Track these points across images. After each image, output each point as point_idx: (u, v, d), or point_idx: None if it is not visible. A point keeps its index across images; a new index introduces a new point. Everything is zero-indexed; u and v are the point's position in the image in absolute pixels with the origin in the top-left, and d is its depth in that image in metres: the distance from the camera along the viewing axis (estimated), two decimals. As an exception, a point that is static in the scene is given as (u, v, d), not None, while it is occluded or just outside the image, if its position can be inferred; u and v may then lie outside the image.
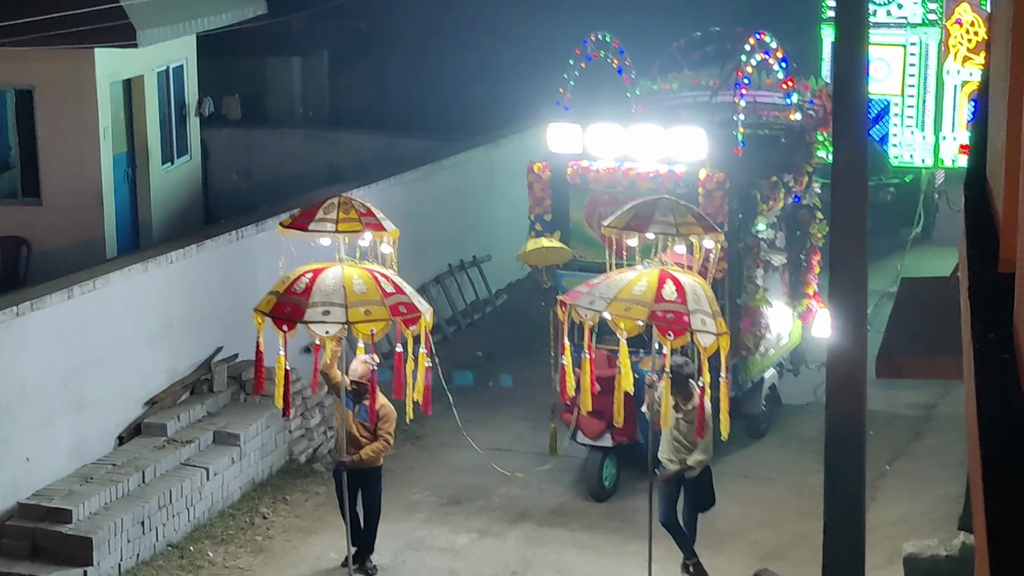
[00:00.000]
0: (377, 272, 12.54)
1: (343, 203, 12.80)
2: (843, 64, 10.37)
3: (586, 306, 12.29)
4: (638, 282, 12.11)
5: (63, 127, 18.76)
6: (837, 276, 10.40)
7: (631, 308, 11.99)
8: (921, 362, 8.71)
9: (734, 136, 15.24)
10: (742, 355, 15.55)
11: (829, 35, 22.41)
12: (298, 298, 12.15)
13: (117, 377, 14.72)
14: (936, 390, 17.33)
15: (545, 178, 15.67)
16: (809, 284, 17.04)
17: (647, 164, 15.09)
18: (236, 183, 24.41)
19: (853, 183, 10.34)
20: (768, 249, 15.97)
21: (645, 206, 12.68)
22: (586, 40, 16.07)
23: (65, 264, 16.52)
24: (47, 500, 13.34)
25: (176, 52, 20.89)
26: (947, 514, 13.47)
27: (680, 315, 11.86)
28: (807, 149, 16.80)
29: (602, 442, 14.80)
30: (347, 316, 12.07)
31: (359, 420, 13.24)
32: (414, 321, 12.41)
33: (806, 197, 16.85)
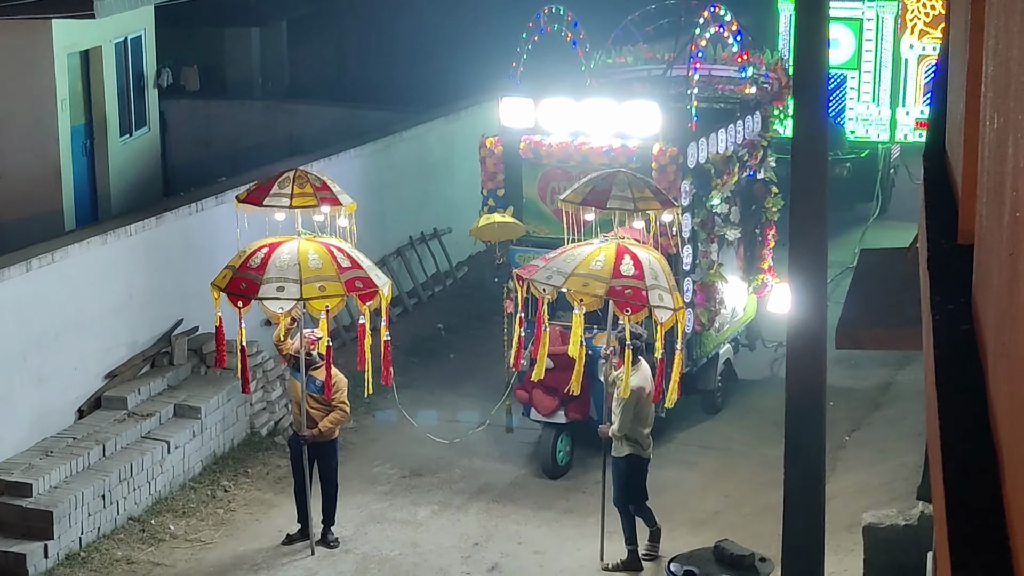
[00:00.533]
0: (334, 247, 12.49)
1: (298, 177, 12.80)
2: (804, 35, 10.38)
3: (543, 281, 12.20)
4: (595, 257, 12.05)
5: (20, 99, 18.58)
6: (797, 249, 10.43)
7: (589, 283, 11.93)
8: (881, 333, 8.75)
9: (688, 110, 15.11)
10: (696, 330, 15.49)
11: (786, 8, 22.32)
12: (253, 273, 12.15)
13: (77, 350, 14.64)
14: (895, 360, 17.44)
15: (497, 153, 15.51)
16: (764, 259, 17.02)
17: (600, 139, 14.97)
18: (200, 151, 24.26)
19: (813, 156, 10.37)
20: (722, 224, 15.91)
21: (602, 180, 12.62)
22: (540, 13, 15.90)
23: (23, 237, 16.38)
24: (7, 474, 13.28)
25: (134, 23, 20.71)
26: (906, 484, 13.57)
27: (638, 290, 11.82)
28: (762, 123, 16.74)
29: (556, 419, 14.71)
30: (301, 292, 12.05)
31: (309, 392, 13.18)
32: (370, 296, 12.37)
33: (761, 171, 16.79)
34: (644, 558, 13.26)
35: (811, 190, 10.38)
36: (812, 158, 10.37)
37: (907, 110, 22.16)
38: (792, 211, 10.59)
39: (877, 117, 22.33)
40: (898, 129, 22.32)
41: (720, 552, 11.59)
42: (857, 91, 22.26)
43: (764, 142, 16.73)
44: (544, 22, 15.93)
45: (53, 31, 18.41)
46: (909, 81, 22.15)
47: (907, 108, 22.17)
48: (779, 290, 16.66)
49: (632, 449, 12.99)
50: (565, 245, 12.73)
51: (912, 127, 22.10)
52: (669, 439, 15.71)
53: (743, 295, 16.81)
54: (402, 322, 19.63)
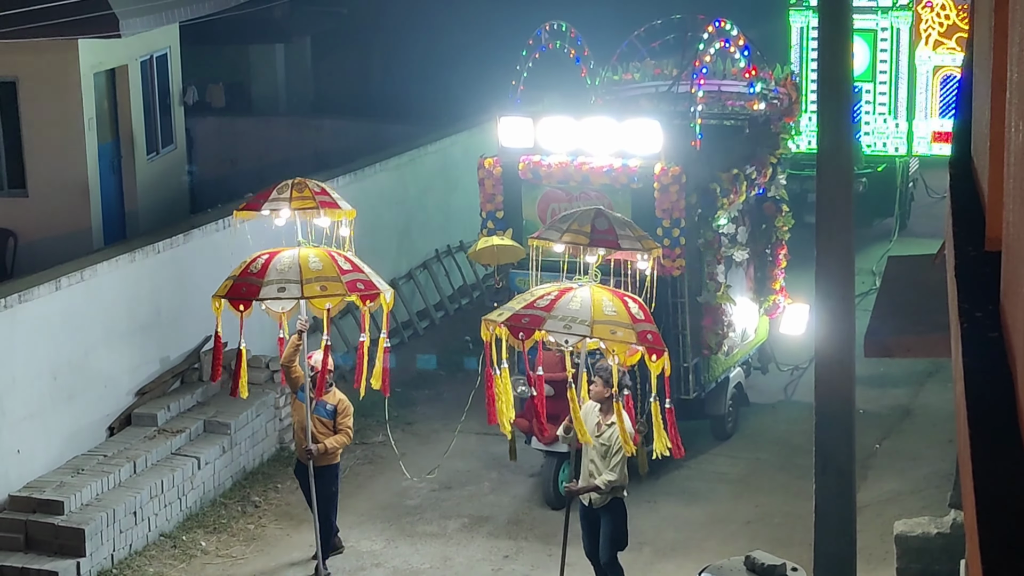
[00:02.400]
0: (334, 252, 12.56)
1: (297, 183, 12.86)
2: (827, 46, 10.35)
3: (562, 331, 11.18)
4: (602, 300, 11.21)
5: (48, 118, 18.70)
6: (823, 255, 10.40)
7: (617, 331, 11.08)
8: (909, 341, 8.71)
9: (691, 128, 14.73)
10: (704, 355, 15.06)
11: (798, 21, 22.08)
12: (254, 278, 12.25)
13: (106, 368, 14.70)
14: (925, 368, 17.37)
15: (496, 174, 15.08)
16: (775, 279, 16.54)
17: (601, 158, 14.55)
18: (226, 168, 24.34)
19: (838, 163, 10.34)
20: (729, 244, 15.47)
21: (599, 220, 11.77)
22: (540, 30, 15.52)
23: (52, 255, 16.47)
24: (39, 492, 13.34)
25: (159, 41, 20.83)
26: (938, 492, 13.51)
27: (657, 335, 11.21)
28: (771, 140, 16.32)
29: (557, 448, 14.01)
30: (302, 292, 12.12)
31: (316, 415, 13.03)
32: (372, 297, 12.34)
33: (771, 189, 16.39)
34: None
35: (837, 197, 10.35)
36: (837, 166, 10.35)
37: (923, 122, 21.85)
38: (818, 218, 10.56)
39: (893, 130, 22.00)
40: (915, 142, 21.96)
41: (751, 562, 11.55)
42: (872, 104, 21.90)
43: (774, 159, 16.31)
44: (545, 39, 15.57)
45: (79, 51, 18.54)
46: (925, 93, 21.85)
47: (924, 120, 21.86)
48: (792, 311, 16.43)
49: (612, 493, 12.24)
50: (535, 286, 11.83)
51: (929, 140, 21.78)
52: (700, 451, 15.62)
53: (754, 317, 16.33)
54: (429, 335, 19.66)
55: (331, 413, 13.06)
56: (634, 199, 14.41)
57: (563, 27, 15.69)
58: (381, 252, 19.45)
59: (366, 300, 12.36)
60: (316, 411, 12.98)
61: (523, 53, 15.40)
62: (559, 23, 15.67)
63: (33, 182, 18.85)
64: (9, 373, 13.54)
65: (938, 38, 21.50)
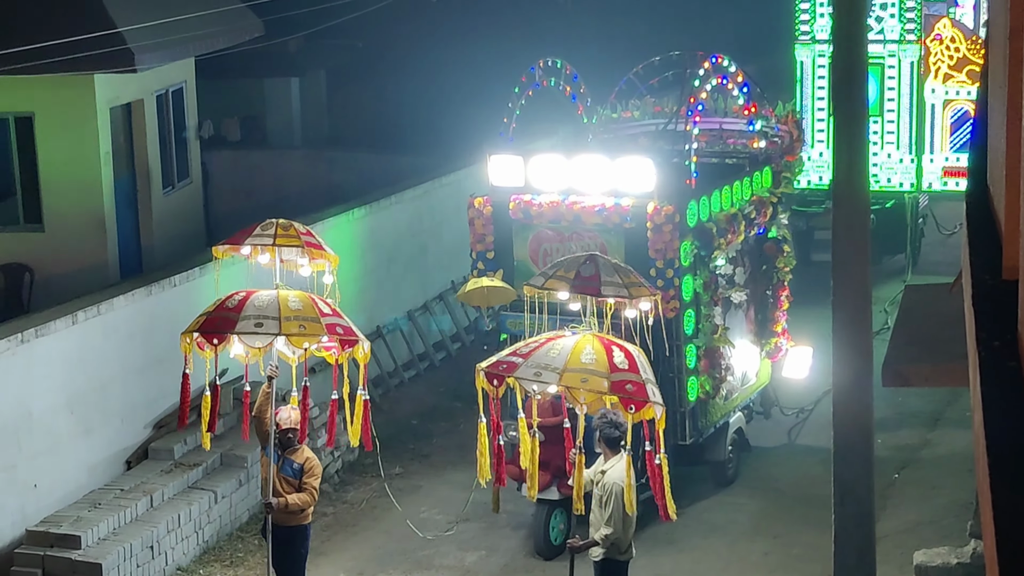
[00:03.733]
0: (315, 296, 12.02)
1: (282, 223, 12.42)
2: (843, 77, 10.34)
3: (531, 379, 10.73)
4: (583, 349, 10.71)
5: (64, 153, 18.79)
6: (840, 286, 10.38)
7: (588, 379, 10.56)
8: (927, 370, 8.68)
9: (687, 166, 14.36)
10: (701, 399, 14.65)
11: (804, 55, 21.82)
12: (229, 312, 11.75)
13: (123, 401, 14.72)
14: (944, 396, 17.30)
15: (486, 213, 14.78)
16: (777, 321, 16.11)
17: (593, 197, 14.21)
18: (241, 201, 24.38)
19: (854, 195, 10.33)
20: (727, 286, 15.09)
21: (584, 265, 11.38)
22: (533, 66, 15.19)
23: (69, 290, 16.53)
24: (56, 526, 13.34)
25: (175, 75, 20.93)
26: (957, 522, 13.45)
27: (639, 385, 10.56)
28: (773, 178, 15.98)
29: (548, 495, 13.59)
30: (280, 328, 11.58)
31: (283, 475, 12.26)
32: (351, 344, 11.82)
33: (772, 229, 16.01)
34: None
35: (854, 226, 10.33)
36: (853, 195, 10.33)
37: (932, 157, 21.43)
38: (834, 247, 10.54)
39: (902, 165, 21.56)
40: (924, 177, 21.48)
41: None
42: (880, 138, 21.42)
43: (774, 199, 15.87)
44: (539, 75, 15.22)
45: (95, 85, 18.64)
46: (935, 127, 21.41)
47: (933, 155, 21.43)
48: (795, 354, 16.14)
49: (608, 552, 11.64)
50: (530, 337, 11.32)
51: (940, 175, 21.34)
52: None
53: (755, 360, 15.94)
54: (446, 367, 19.65)
55: (297, 472, 12.25)
56: (627, 239, 14.09)
57: (558, 64, 15.38)
58: (397, 283, 19.49)
59: (345, 346, 11.79)
60: (283, 470, 12.24)
61: (515, 90, 15.10)
62: (554, 60, 15.36)
63: (49, 217, 18.92)
64: (26, 407, 13.56)
65: (948, 71, 21.16)
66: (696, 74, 15.10)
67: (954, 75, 21.15)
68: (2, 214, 19.45)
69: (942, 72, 21.21)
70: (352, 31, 28.33)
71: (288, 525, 12.29)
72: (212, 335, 11.73)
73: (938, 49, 21.20)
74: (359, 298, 18.48)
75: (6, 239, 19.03)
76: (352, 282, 18.39)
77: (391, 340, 19.13)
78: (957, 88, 21.15)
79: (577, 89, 15.72)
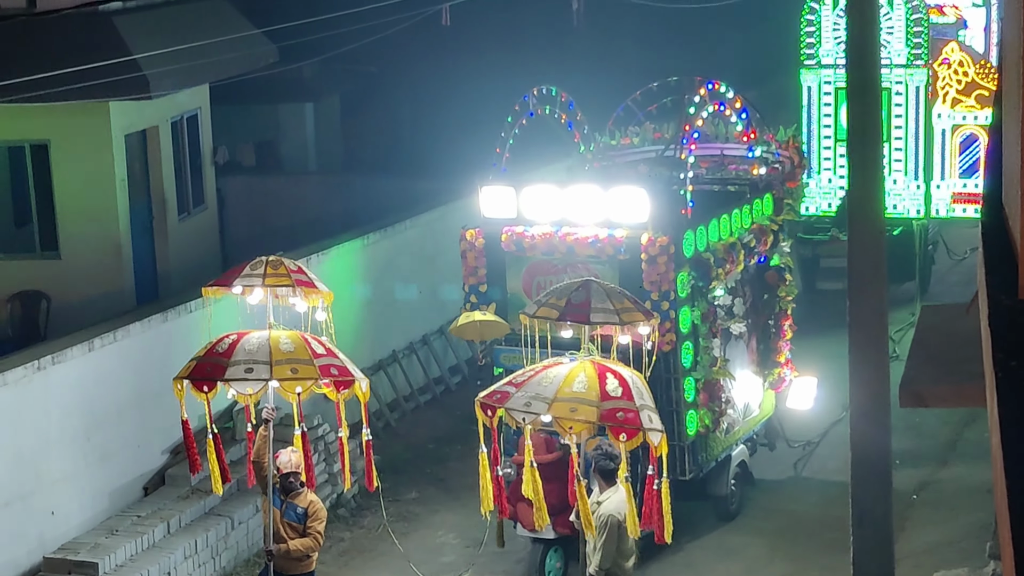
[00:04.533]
0: (309, 336, 11.64)
1: (272, 261, 12.01)
2: (857, 101, 10.34)
3: (522, 409, 10.40)
4: (575, 377, 10.39)
5: (80, 180, 18.86)
6: (856, 306, 10.37)
7: (577, 408, 10.25)
8: (944, 391, 8.65)
9: (682, 195, 14.04)
10: (700, 433, 14.31)
11: (809, 80, 21.48)
12: (219, 358, 11.37)
13: (140, 428, 14.73)
14: (962, 417, 17.24)
15: (478, 246, 14.45)
16: (780, 352, 15.75)
17: (586, 228, 13.90)
18: (257, 227, 24.39)
19: (869, 213, 10.32)
20: (726, 317, 14.71)
21: (576, 292, 11.05)
22: (527, 95, 14.88)
23: (85, 316, 16.56)
24: (73, 553, 13.35)
25: (190, 102, 21.00)
26: (977, 543, 13.39)
27: (633, 413, 10.23)
28: (774, 206, 15.63)
29: (544, 533, 13.04)
30: (272, 373, 11.19)
31: (287, 520, 11.92)
32: (346, 385, 11.42)
33: (774, 257, 15.66)
34: None
35: (869, 247, 10.32)
36: (868, 213, 10.32)
37: (939, 184, 20.94)
38: (850, 269, 10.52)
39: (910, 192, 21.13)
40: (933, 204, 21.06)
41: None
42: (888, 164, 20.88)
43: (774, 226, 15.51)
44: (533, 104, 14.87)
45: (111, 112, 18.72)
46: (943, 153, 20.94)
47: (943, 181, 20.96)
48: (799, 385, 15.79)
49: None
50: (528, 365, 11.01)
51: (948, 202, 20.95)
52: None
53: (758, 391, 15.54)
54: (461, 390, 19.63)
55: (301, 517, 11.91)
56: (622, 271, 13.77)
57: (553, 91, 15.09)
58: (412, 308, 19.50)
59: (340, 387, 11.42)
60: (286, 515, 11.92)
61: (508, 119, 14.81)
62: (548, 87, 15.06)
63: (65, 244, 18.99)
64: (43, 434, 13.58)
65: (956, 95, 20.76)
66: (692, 101, 14.84)
67: (963, 99, 20.76)
68: (19, 241, 19.52)
69: (950, 97, 20.81)
70: (366, 56, 28.42)
71: (291, 574, 11.97)
72: (202, 382, 11.41)
73: (946, 73, 20.80)
74: (373, 323, 18.50)
75: (23, 266, 19.09)
76: (363, 308, 18.42)
77: (406, 364, 19.13)
78: (964, 113, 20.75)
79: (573, 117, 15.45)
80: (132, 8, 19.15)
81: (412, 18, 23.33)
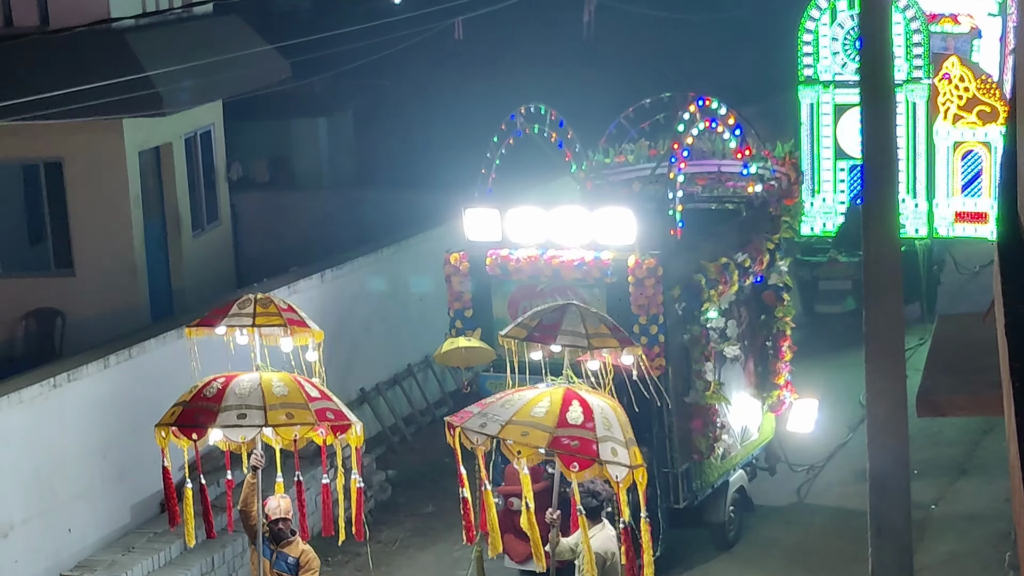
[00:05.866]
0: (301, 378, 11.08)
1: (261, 299, 11.58)
2: (871, 120, 10.32)
3: (476, 429, 10.04)
4: (539, 402, 9.95)
5: (94, 197, 18.90)
6: (872, 316, 10.36)
7: (529, 432, 9.79)
8: (962, 400, 8.63)
9: (671, 216, 13.62)
10: (694, 459, 13.83)
11: (808, 96, 21.18)
12: (208, 403, 10.75)
13: (156, 445, 14.69)
14: (980, 425, 17.18)
15: (463, 269, 13.99)
16: (779, 373, 15.24)
17: (572, 251, 13.44)
18: (271, 243, 24.42)
19: (884, 222, 10.31)
20: (719, 340, 14.11)
21: (551, 313, 10.80)
22: (514, 114, 14.50)
23: (100, 334, 16.58)
24: (90, 571, 13.35)
25: (203, 118, 21.04)
26: (996, 552, 13.35)
27: (587, 443, 9.66)
28: (769, 224, 15.16)
29: (530, 566, 12.61)
30: (266, 419, 10.61)
31: (277, 570, 11.37)
32: (343, 429, 10.88)
33: (772, 276, 15.12)
34: None
35: (885, 254, 10.31)
36: (883, 221, 10.31)
37: (938, 202, 20.67)
38: (866, 278, 10.51)
39: (913, 210, 20.74)
40: (936, 222, 20.74)
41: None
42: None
43: (771, 245, 15.01)
44: (521, 123, 14.45)
45: (124, 130, 18.76)
46: (944, 170, 20.61)
47: (949, 199, 20.65)
48: (800, 407, 15.34)
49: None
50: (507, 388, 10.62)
51: (951, 220, 20.66)
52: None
53: (756, 414, 14.98)
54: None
55: (292, 567, 11.34)
56: (609, 294, 13.37)
57: (542, 110, 14.71)
58: (428, 322, 19.48)
59: (337, 432, 10.86)
60: (276, 565, 11.38)
61: (494, 140, 14.43)
62: (537, 106, 14.67)
63: (80, 261, 19.03)
64: (60, 452, 13.59)
65: (957, 111, 20.42)
66: (681, 118, 14.46)
67: (964, 116, 20.41)
68: (33, 259, 19.56)
69: (951, 113, 20.46)
70: (378, 71, 28.48)
71: None
72: (191, 429, 10.81)
73: (947, 89, 20.45)
74: (388, 337, 18.51)
75: (37, 284, 19.12)
76: (378, 322, 18.42)
77: (422, 378, 19.12)
78: (962, 129, 20.38)
79: (564, 135, 15.05)
80: (145, 25, 19.20)
81: (424, 32, 23.37)
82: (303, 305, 16.55)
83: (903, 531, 10.37)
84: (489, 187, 14.50)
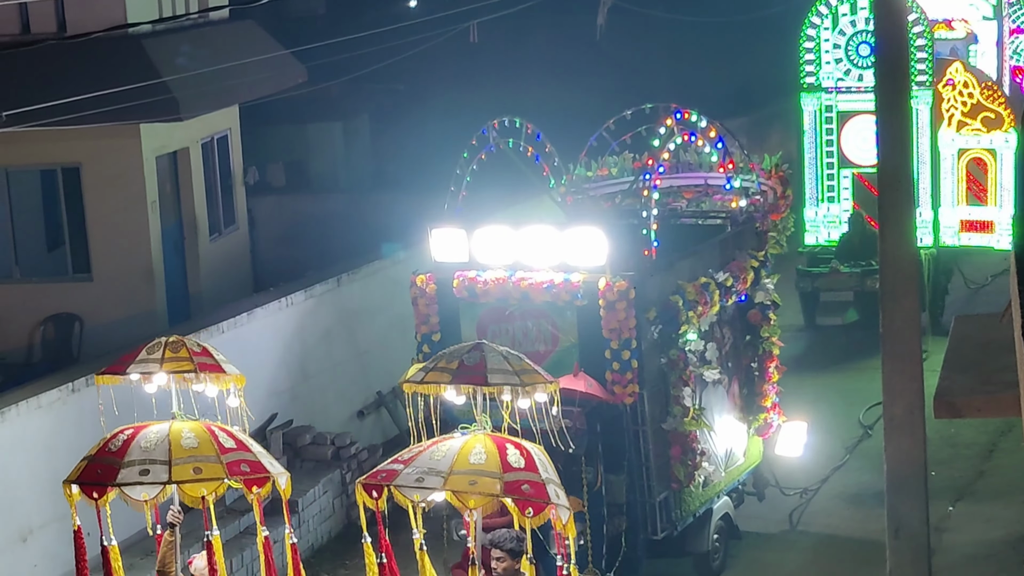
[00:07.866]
0: (216, 427, 10.16)
1: (172, 343, 10.57)
2: (887, 132, 10.30)
3: (413, 485, 9.23)
4: (471, 450, 9.27)
5: (111, 203, 18.95)
6: (889, 315, 10.35)
7: (477, 481, 9.13)
8: (979, 401, 8.60)
9: (645, 235, 13.03)
10: (673, 488, 13.18)
11: (810, 103, 20.88)
12: (111, 457, 9.90)
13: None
14: (998, 427, 17.14)
15: (430, 292, 13.38)
16: (766, 395, 14.49)
17: (541, 273, 12.87)
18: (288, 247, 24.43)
19: (900, 222, 10.30)
20: (698, 363, 13.44)
21: (470, 355, 9.69)
22: (485, 128, 14.08)
23: (118, 339, 16.61)
24: (108, 575, 13.33)
25: (220, 123, 21.08)
26: (1014, 554, 13.32)
27: (538, 486, 9.11)
28: (753, 240, 14.58)
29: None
30: (170, 475, 9.69)
31: None
32: (260, 483, 9.99)
33: (757, 295, 14.41)
34: None
35: (902, 254, 10.30)
36: (899, 221, 10.30)
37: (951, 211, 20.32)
38: (882, 280, 10.50)
39: (918, 219, 19.71)
40: (942, 232, 20.38)
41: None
42: None
43: (755, 262, 14.33)
44: (493, 138, 14.02)
45: (141, 135, 18.81)
46: (949, 178, 20.27)
47: (951, 209, 20.30)
48: (788, 430, 14.71)
49: None
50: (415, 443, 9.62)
51: (957, 230, 20.32)
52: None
53: (742, 438, 14.29)
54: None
55: None
56: (580, 318, 12.79)
57: (516, 123, 14.25)
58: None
59: (250, 486, 9.95)
60: None
61: (464, 155, 13.98)
62: (512, 119, 14.21)
63: (98, 266, 19.07)
64: (78, 457, 13.55)
65: (961, 118, 20.05)
66: (656, 132, 14.09)
67: (968, 122, 20.04)
68: (51, 264, 19.62)
69: (955, 120, 20.10)
70: (394, 74, 28.51)
71: None
72: (91, 487, 9.89)
73: (951, 95, 20.09)
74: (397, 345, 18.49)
75: (55, 289, 19.17)
76: (394, 327, 18.42)
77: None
78: (967, 137, 20.06)
79: (541, 149, 14.63)
80: (162, 31, 19.25)
81: (439, 36, 23.39)
82: (319, 308, 16.73)
83: (921, 533, 10.35)
84: (459, 205, 13.97)
